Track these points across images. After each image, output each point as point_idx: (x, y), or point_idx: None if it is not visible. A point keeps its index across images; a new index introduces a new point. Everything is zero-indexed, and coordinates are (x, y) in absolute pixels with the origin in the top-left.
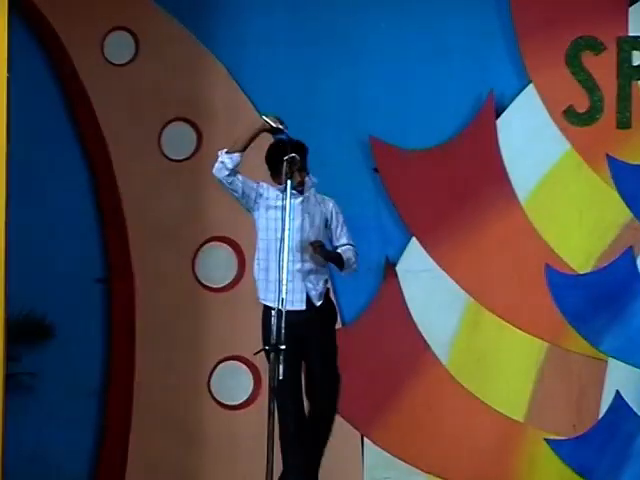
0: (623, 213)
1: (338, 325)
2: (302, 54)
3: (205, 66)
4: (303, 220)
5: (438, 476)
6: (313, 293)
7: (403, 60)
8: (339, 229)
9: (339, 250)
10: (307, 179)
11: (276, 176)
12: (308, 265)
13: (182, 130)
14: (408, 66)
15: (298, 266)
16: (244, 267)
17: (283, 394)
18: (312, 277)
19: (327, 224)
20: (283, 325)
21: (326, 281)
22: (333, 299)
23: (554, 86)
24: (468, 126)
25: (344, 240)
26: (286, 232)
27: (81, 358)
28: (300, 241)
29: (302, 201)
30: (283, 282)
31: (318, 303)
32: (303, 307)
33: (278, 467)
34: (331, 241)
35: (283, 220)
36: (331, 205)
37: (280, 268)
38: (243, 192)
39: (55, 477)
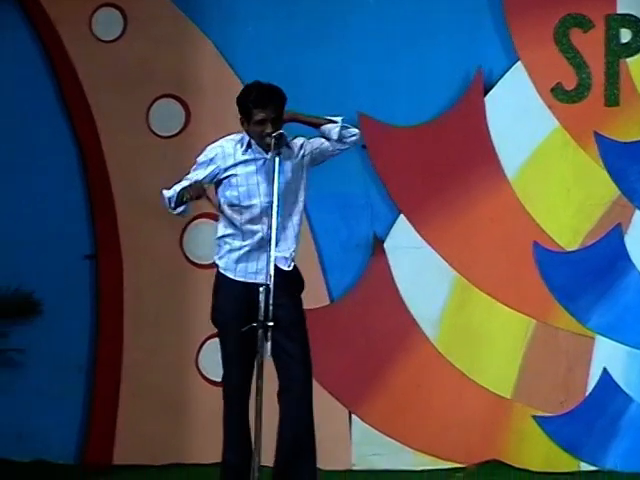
0: (611, 190)
1: (325, 302)
2: (290, 30)
3: (193, 42)
4: (268, 182)
5: (426, 453)
6: (282, 261)
7: (391, 37)
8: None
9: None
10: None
11: (244, 122)
12: (276, 233)
13: (170, 106)
14: (397, 43)
15: (257, 234)
16: None
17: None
18: (281, 244)
19: (304, 161)
20: (271, 302)
21: (294, 250)
22: (320, 276)
23: (542, 63)
24: (456, 103)
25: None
26: (274, 209)
27: (69, 334)
28: (262, 208)
29: (265, 162)
30: (271, 257)
31: (286, 268)
32: (267, 281)
33: (267, 444)
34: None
35: (258, 185)
36: (299, 143)
37: (268, 244)
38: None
39: (43, 453)
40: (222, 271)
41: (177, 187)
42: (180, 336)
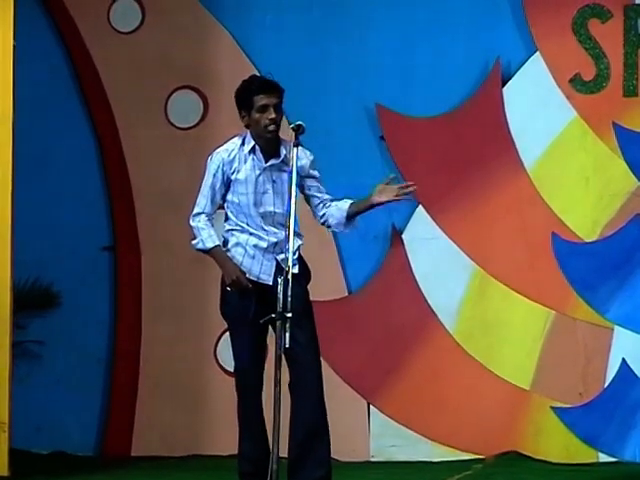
0: (629, 181)
1: (344, 293)
2: (308, 21)
3: (211, 33)
4: (267, 190)
5: (444, 444)
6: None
7: (409, 28)
8: (320, 184)
9: (340, 202)
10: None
11: (245, 115)
12: (273, 238)
13: (188, 98)
14: (414, 34)
15: (263, 240)
16: None
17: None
18: (278, 249)
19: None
20: (290, 293)
21: (298, 247)
22: (338, 267)
23: (561, 54)
24: (474, 94)
25: (328, 196)
26: (292, 200)
27: (88, 326)
28: (262, 216)
29: (270, 167)
30: (290, 251)
31: (295, 270)
32: (270, 281)
33: (285, 434)
34: (308, 199)
35: (256, 194)
36: (305, 161)
37: (285, 237)
38: (224, 191)
39: (62, 445)
40: None
41: (204, 234)
42: (199, 328)
